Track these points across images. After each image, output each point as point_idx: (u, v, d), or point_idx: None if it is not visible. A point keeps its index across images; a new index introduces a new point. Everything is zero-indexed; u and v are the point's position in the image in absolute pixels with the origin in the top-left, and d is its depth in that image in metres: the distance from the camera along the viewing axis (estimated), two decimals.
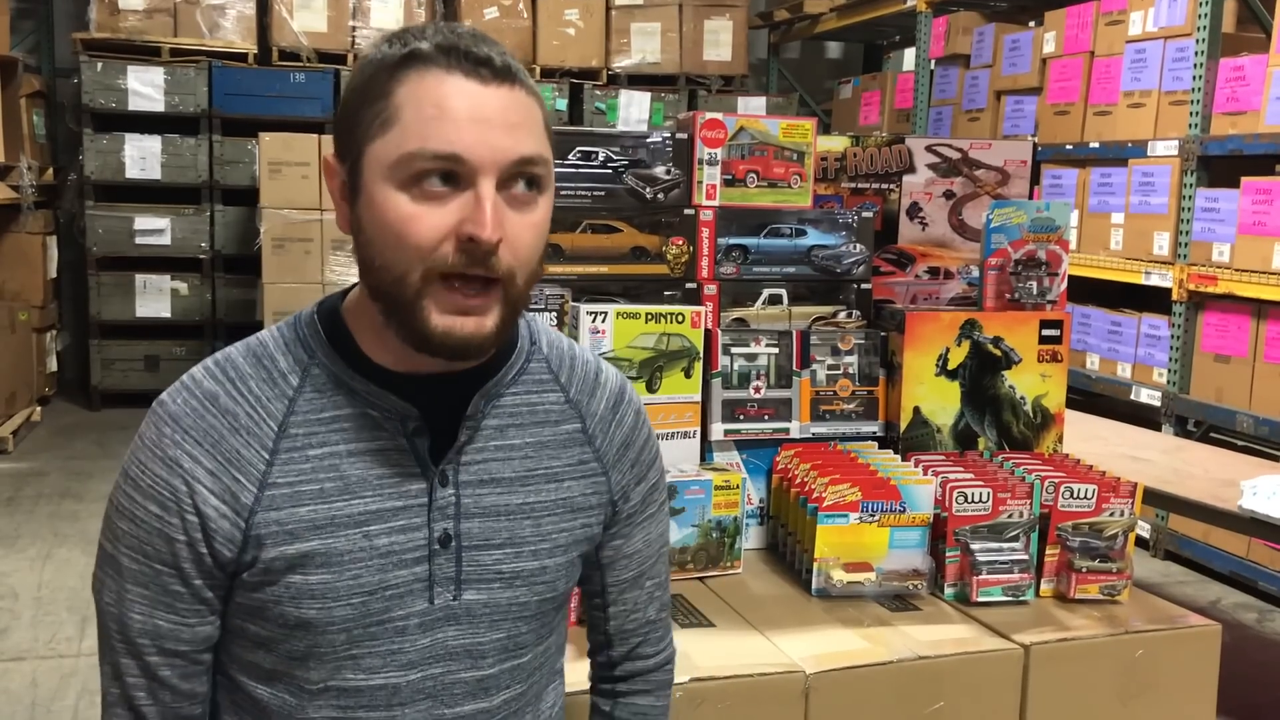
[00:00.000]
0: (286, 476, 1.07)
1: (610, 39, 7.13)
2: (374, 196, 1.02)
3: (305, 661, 1.10)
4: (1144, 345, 4.74)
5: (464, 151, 0.99)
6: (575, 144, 2.01)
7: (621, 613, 1.30)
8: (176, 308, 6.72)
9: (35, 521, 4.73)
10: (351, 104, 1.05)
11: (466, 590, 1.13)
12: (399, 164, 1.00)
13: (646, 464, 1.27)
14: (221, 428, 1.07)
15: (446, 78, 1.00)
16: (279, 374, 1.10)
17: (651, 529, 1.29)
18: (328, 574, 1.08)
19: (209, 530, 1.06)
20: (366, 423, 1.10)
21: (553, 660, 1.26)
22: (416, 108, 1.00)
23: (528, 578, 1.15)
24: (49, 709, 3.11)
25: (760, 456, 2.02)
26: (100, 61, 6.46)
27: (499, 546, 1.14)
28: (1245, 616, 4.09)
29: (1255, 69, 4.26)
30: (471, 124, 0.99)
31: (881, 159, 2.20)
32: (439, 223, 1.00)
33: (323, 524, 1.08)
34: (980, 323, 2.03)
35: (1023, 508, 1.83)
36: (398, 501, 1.10)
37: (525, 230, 1.04)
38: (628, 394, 1.26)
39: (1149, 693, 1.76)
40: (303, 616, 1.08)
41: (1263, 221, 4.11)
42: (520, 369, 1.18)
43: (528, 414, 1.17)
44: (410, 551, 1.11)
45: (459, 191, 1.01)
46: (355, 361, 1.10)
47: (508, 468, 1.15)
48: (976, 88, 6.03)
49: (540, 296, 1.86)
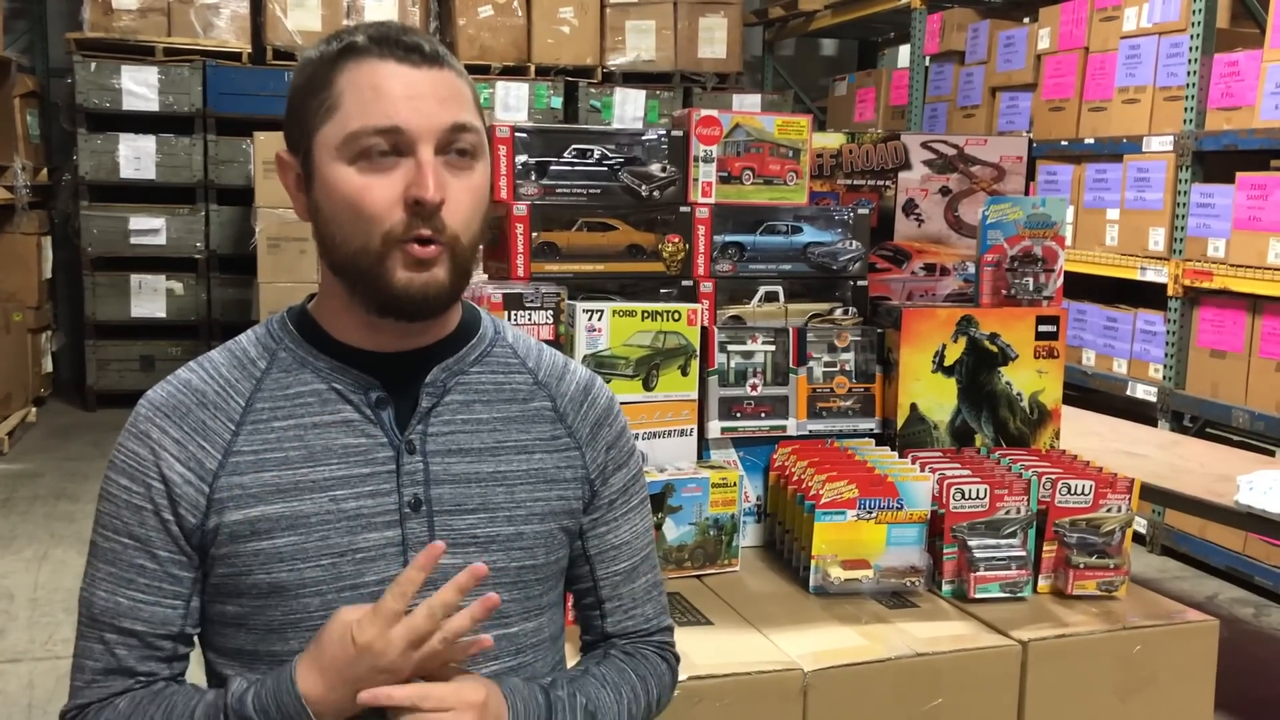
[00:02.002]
0: (251, 445, 1.14)
1: (605, 37, 7.12)
2: (327, 176, 1.11)
3: (283, 633, 1.13)
4: (1140, 341, 4.74)
5: (402, 123, 1.09)
6: (570, 142, 2.00)
7: (618, 609, 1.30)
8: (172, 308, 6.71)
9: (31, 523, 4.72)
10: (297, 98, 1.15)
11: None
12: (345, 143, 1.10)
13: (626, 452, 1.30)
14: (190, 403, 1.15)
15: (380, 64, 1.10)
16: (248, 360, 1.18)
17: (637, 521, 1.31)
18: (294, 535, 1.12)
19: (174, 495, 1.12)
20: (332, 396, 1.16)
21: (549, 648, 1.26)
22: (356, 92, 1.10)
23: (504, 542, 1.18)
24: (45, 710, 3.10)
25: (757, 454, 2.02)
26: (94, 61, 6.44)
27: (472, 511, 1.17)
28: (1242, 611, 4.10)
29: (1250, 64, 4.26)
30: (406, 100, 1.09)
31: (877, 155, 2.20)
32: (387, 191, 1.09)
33: (287, 488, 1.13)
34: (976, 319, 2.03)
35: (1020, 504, 1.83)
36: (364, 469, 1.15)
37: (464, 193, 1.12)
38: (598, 385, 1.30)
39: (1147, 688, 1.76)
40: (275, 580, 1.11)
41: (1258, 216, 4.12)
42: (485, 352, 1.24)
43: (494, 391, 1.22)
44: (380, 515, 1.14)
45: (402, 160, 1.10)
46: (320, 344, 1.18)
47: (475, 439, 1.19)
48: (971, 84, 6.03)
49: (536, 295, 1.85)
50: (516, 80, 6.92)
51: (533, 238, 1.93)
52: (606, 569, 1.29)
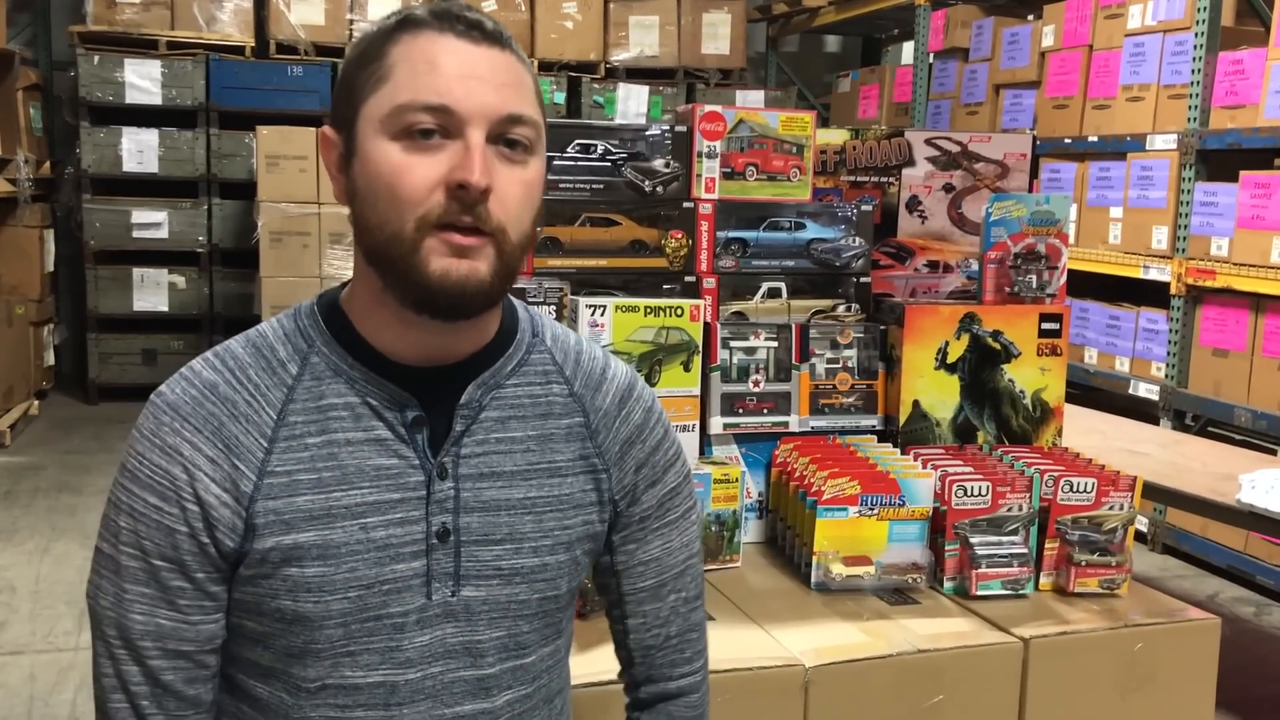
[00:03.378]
0: (285, 465, 1.07)
1: (608, 32, 7.12)
2: (368, 152, 1.04)
3: (302, 658, 1.09)
4: (1142, 339, 4.74)
5: (453, 103, 1.02)
6: (574, 137, 2.00)
7: (640, 626, 1.26)
8: (174, 301, 6.71)
9: (33, 515, 4.72)
10: (348, 71, 1.08)
11: (465, 586, 1.11)
12: (391, 116, 1.03)
13: (662, 466, 1.23)
14: (221, 415, 1.07)
15: (439, 38, 1.04)
16: (278, 363, 1.10)
17: (673, 537, 1.25)
18: (324, 566, 1.06)
19: (210, 519, 1.05)
20: (366, 411, 1.09)
21: (562, 666, 1.23)
22: (409, 64, 1.03)
23: (527, 574, 1.13)
24: (47, 703, 3.10)
25: (759, 450, 2.02)
26: (97, 54, 6.44)
27: (498, 542, 1.12)
28: (1243, 610, 4.10)
29: (1254, 62, 4.25)
30: (461, 79, 1.02)
31: (881, 152, 2.20)
32: (429, 173, 1.02)
33: (319, 514, 1.07)
34: (979, 316, 2.02)
35: (1022, 501, 1.83)
36: (395, 494, 1.09)
37: (514, 185, 1.05)
38: (637, 390, 1.23)
39: (1148, 686, 1.76)
40: (299, 610, 1.07)
41: (1261, 215, 4.11)
42: (521, 360, 1.16)
43: (530, 405, 1.16)
44: (408, 545, 1.09)
45: (449, 143, 1.03)
46: (354, 349, 1.10)
47: (509, 460, 1.14)
48: (975, 81, 6.02)
49: (539, 290, 1.85)
50: None
51: (536, 232, 1.93)
52: (632, 584, 1.24)
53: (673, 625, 1.27)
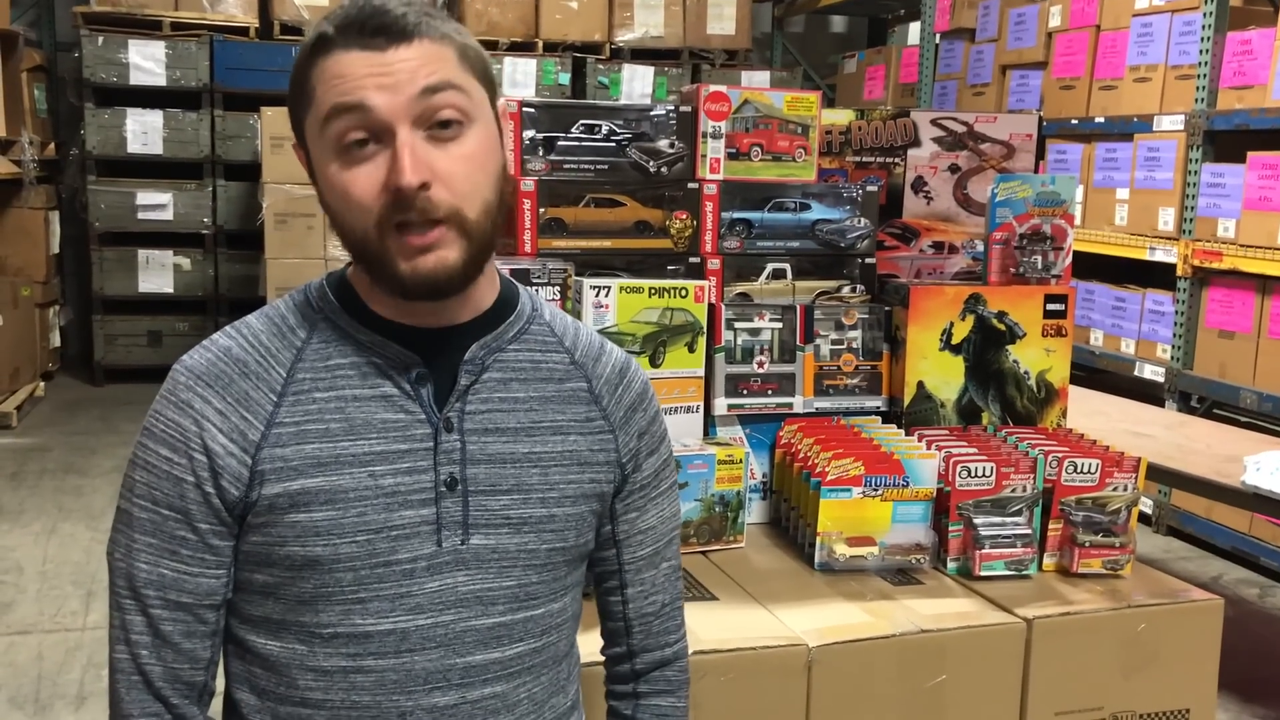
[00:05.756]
0: (293, 416, 1.12)
1: (613, 13, 7.08)
2: (321, 170, 1.12)
3: (314, 605, 1.12)
4: (1148, 321, 4.73)
5: (367, 99, 1.06)
6: (578, 118, 2.00)
7: (639, 594, 1.30)
8: (179, 283, 6.71)
9: (39, 496, 4.74)
10: (289, 95, 1.15)
11: (474, 535, 1.15)
12: (322, 132, 1.09)
13: (658, 438, 1.29)
14: (233, 373, 1.13)
15: (344, 55, 1.08)
16: (288, 328, 1.17)
17: (665, 506, 1.31)
18: (333, 510, 1.11)
19: (216, 468, 1.10)
20: (372, 370, 1.15)
21: (570, 626, 1.27)
22: (325, 83, 1.09)
23: (536, 524, 1.18)
24: (55, 682, 3.12)
25: (763, 431, 2.02)
26: (101, 35, 6.43)
27: (506, 492, 1.17)
28: (1247, 592, 4.10)
29: (1262, 43, 4.23)
30: (371, 78, 1.07)
31: (886, 133, 2.19)
32: (371, 181, 1.07)
33: (327, 461, 1.12)
34: (985, 297, 2.02)
35: (1026, 482, 1.83)
36: (403, 445, 1.14)
37: (456, 164, 1.09)
38: (633, 367, 1.30)
39: (1151, 667, 1.76)
40: (309, 554, 1.11)
41: (1268, 197, 4.09)
42: (523, 329, 1.22)
43: (531, 370, 1.21)
44: (416, 493, 1.13)
45: (383, 148, 1.07)
46: (361, 316, 1.17)
47: (511, 418, 1.18)
48: (981, 62, 5.99)
49: (544, 271, 1.85)
50: (524, 56, 6.89)
51: (540, 213, 1.93)
52: (632, 553, 1.29)
53: (666, 593, 1.33)
